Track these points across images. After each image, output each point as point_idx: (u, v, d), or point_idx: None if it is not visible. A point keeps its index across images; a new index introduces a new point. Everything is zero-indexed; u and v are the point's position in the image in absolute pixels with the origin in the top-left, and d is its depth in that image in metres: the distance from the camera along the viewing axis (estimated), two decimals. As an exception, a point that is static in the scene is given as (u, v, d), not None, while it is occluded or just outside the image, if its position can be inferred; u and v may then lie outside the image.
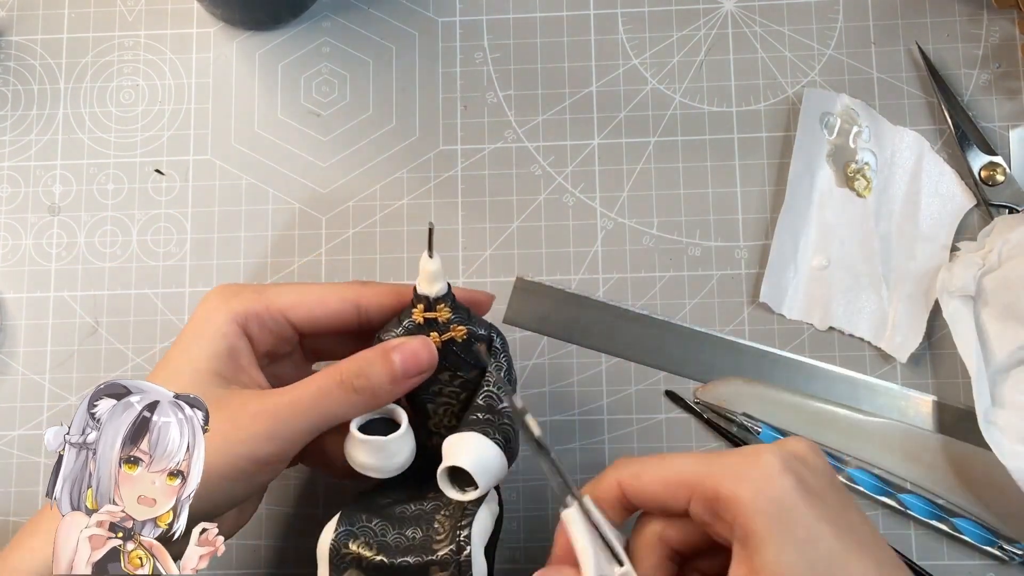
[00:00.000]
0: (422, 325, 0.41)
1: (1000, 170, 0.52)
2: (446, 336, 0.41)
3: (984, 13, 0.55)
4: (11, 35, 0.57)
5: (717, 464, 0.35)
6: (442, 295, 0.41)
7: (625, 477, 0.37)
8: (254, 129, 0.56)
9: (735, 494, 0.33)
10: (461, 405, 0.43)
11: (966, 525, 0.49)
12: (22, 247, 0.55)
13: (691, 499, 0.35)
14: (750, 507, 0.33)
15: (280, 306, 0.42)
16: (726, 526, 0.34)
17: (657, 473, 0.36)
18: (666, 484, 0.36)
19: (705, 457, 0.36)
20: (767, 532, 0.33)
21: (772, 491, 0.33)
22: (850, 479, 0.50)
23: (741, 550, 0.33)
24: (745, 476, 0.34)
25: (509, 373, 0.44)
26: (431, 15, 0.56)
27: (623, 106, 0.55)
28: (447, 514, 0.41)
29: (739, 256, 0.53)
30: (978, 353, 0.49)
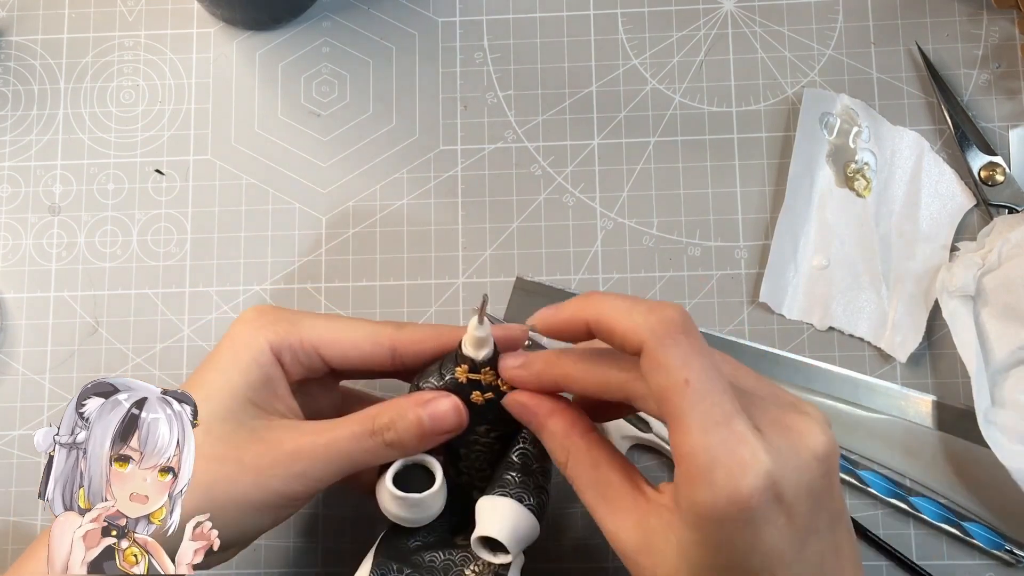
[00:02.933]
0: (464, 385, 0.40)
1: (1000, 170, 0.52)
2: (488, 395, 0.40)
3: (984, 13, 0.55)
4: (11, 35, 0.57)
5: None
6: (487, 359, 0.40)
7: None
8: (254, 129, 0.56)
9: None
10: (495, 454, 0.42)
11: (976, 529, 0.49)
12: (22, 247, 0.55)
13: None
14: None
15: (314, 343, 0.42)
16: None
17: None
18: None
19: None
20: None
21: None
22: (862, 481, 0.50)
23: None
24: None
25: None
26: (431, 15, 0.56)
27: (623, 106, 0.55)
28: (476, 571, 0.41)
29: (739, 256, 0.53)
30: (978, 353, 0.49)
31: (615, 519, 0.36)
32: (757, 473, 0.32)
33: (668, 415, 0.33)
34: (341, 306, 0.53)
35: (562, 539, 0.51)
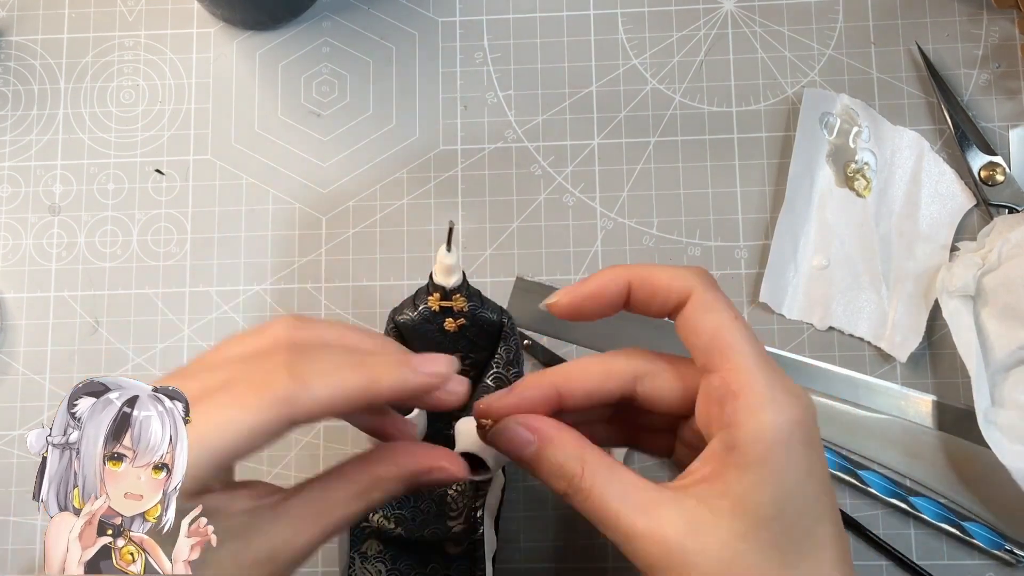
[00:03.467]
0: (437, 313, 0.42)
1: (1000, 170, 0.52)
2: (460, 321, 0.42)
3: (984, 13, 0.55)
4: (11, 35, 0.57)
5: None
6: (457, 286, 0.42)
7: (559, 379, 0.37)
8: (254, 129, 0.56)
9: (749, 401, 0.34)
10: (471, 382, 0.43)
11: (976, 529, 0.49)
12: (22, 247, 0.55)
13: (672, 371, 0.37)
14: (767, 423, 0.33)
15: (323, 408, 0.35)
16: (712, 416, 0.35)
17: (600, 363, 0.37)
18: (608, 374, 0.37)
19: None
20: (766, 454, 0.33)
21: (793, 418, 0.34)
22: (862, 481, 0.50)
23: (721, 450, 0.34)
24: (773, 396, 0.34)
25: (518, 354, 0.45)
26: (431, 15, 0.57)
27: (623, 106, 0.55)
28: (459, 489, 0.43)
29: (739, 256, 0.53)
30: (978, 353, 0.49)
31: (650, 516, 0.34)
32: (800, 398, 0.34)
33: (722, 351, 0.34)
34: (341, 306, 0.53)
35: (562, 539, 0.51)
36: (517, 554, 0.51)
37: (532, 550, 0.49)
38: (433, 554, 0.45)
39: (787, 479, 0.33)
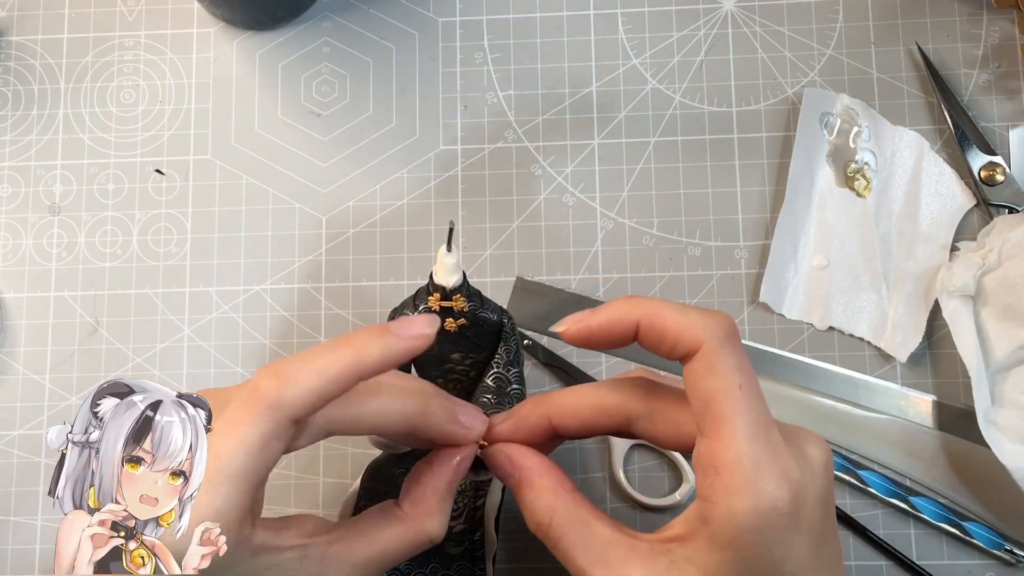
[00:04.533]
0: (438, 313, 0.42)
1: (1000, 170, 0.52)
2: (460, 321, 0.42)
3: (984, 13, 0.55)
4: (11, 35, 0.57)
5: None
6: (457, 286, 0.42)
7: (553, 408, 0.38)
8: (254, 129, 0.56)
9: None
10: (471, 381, 0.44)
11: (976, 529, 0.49)
12: (22, 247, 0.55)
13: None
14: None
15: (314, 395, 0.36)
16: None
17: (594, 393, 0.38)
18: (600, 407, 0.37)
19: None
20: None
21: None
22: (862, 481, 0.50)
23: (696, 519, 0.34)
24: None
25: (518, 355, 0.45)
26: (431, 15, 0.56)
27: (623, 106, 0.55)
28: (459, 489, 0.43)
29: (739, 256, 0.53)
30: (978, 353, 0.49)
31: (617, 572, 0.34)
32: (792, 482, 0.32)
33: (714, 420, 0.33)
34: (341, 306, 0.53)
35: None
36: (517, 554, 0.51)
37: (532, 550, 0.49)
38: (433, 554, 0.45)
39: (754, 566, 0.32)
